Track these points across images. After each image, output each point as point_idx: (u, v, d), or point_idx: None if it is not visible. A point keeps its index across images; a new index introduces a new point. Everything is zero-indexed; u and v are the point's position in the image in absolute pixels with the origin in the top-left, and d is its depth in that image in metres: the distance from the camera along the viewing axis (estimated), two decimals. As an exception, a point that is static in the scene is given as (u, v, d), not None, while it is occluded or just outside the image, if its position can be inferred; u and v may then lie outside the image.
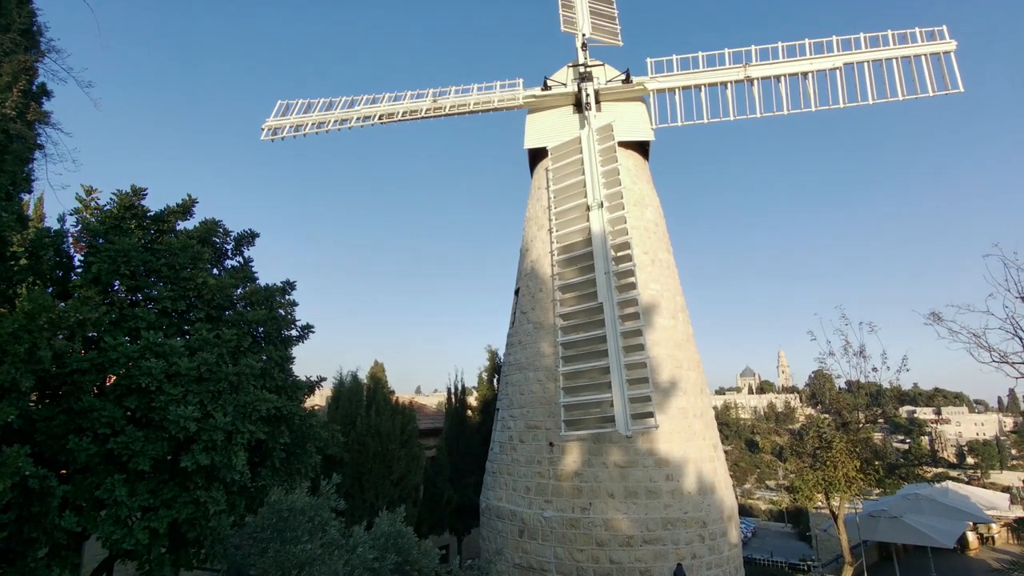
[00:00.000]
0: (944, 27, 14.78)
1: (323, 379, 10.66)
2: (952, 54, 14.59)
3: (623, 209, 13.05)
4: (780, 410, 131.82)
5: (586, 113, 15.00)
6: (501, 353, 20.51)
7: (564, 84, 16.20)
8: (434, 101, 16.62)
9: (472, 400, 24.24)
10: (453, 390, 20.99)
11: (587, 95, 15.26)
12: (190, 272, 8.13)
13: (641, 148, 16.50)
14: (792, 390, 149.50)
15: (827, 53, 15.06)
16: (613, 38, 17.16)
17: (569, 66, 16.51)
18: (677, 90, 15.53)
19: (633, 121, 15.85)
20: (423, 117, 16.75)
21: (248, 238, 9.68)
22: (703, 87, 15.46)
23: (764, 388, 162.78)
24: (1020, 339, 15.61)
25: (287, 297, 9.59)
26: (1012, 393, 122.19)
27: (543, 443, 13.21)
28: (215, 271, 9.25)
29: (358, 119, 16.70)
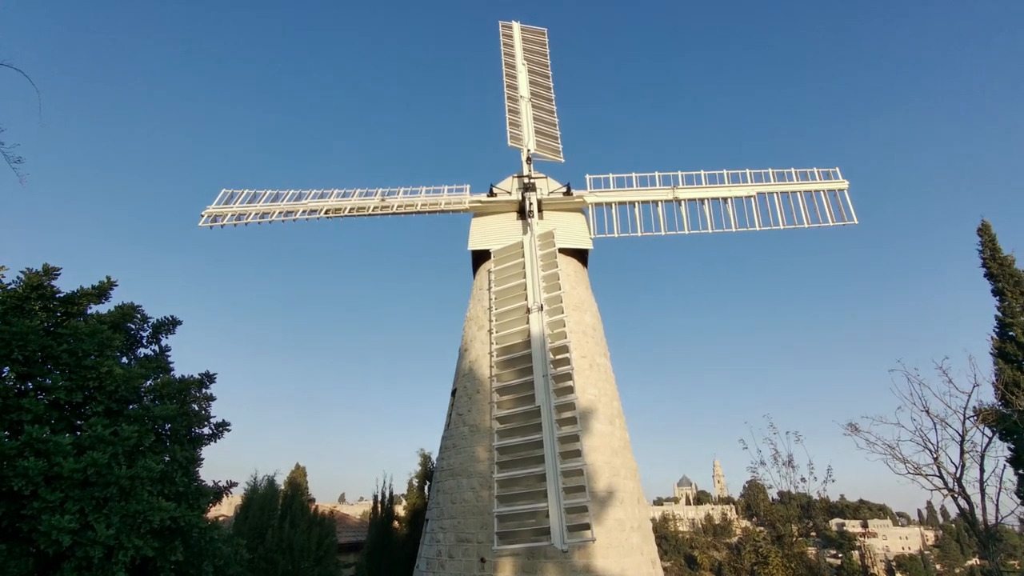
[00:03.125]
0: (838, 168, 17.05)
1: (233, 484, 9.61)
2: (846, 191, 16.70)
3: (562, 313, 13.36)
4: (717, 522, 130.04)
5: (529, 220, 15.76)
6: (435, 457, 19.50)
7: (509, 192, 17.14)
8: (382, 200, 17.06)
9: (400, 509, 22.49)
10: (380, 498, 19.47)
11: (531, 204, 16.15)
12: (94, 360, 7.42)
13: (580, 256, 17.32)
14: (728, 500, 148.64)
15: (742, 183, 16.88)
16: (555, 155, 18.60)
17: (514, 176, 17.59)
18: (614, 204, 16.76)
19: (573, 230, 16.78)
20: (370, 215, 17.07)
21: (168, 325, 9.08)
22: (637, 203, 16.78)
23: (701, 498, 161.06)
24: (930, 452, 16.56)
25: (204, 391, 8.87)
26: (930, 505, 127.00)
27: (474, 559, 12.22)
28: (125, 360, 8.51)
29: (304, 212, 16.78)
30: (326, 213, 16.86)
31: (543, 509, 10.95)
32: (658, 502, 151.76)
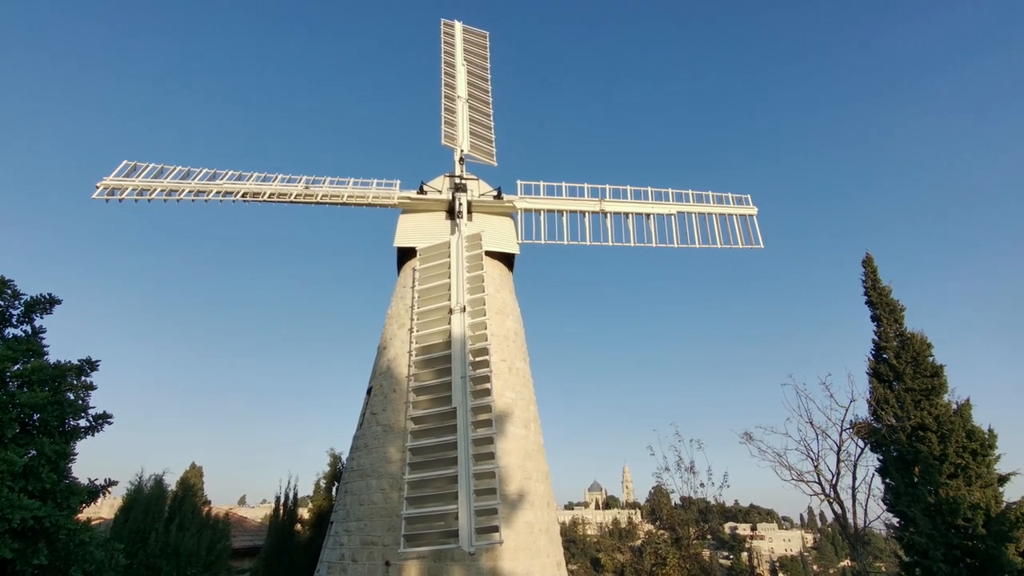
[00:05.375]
0: (749, 196, 18.33)
1: (113, 483, 8.73)
2: (755, 217, 17.98)
3: (485, 315, 13.36)
4: (623, 526, 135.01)
5: (458, 221, 15.67)
6: (345, 458, 18.82)
7: (440, 191, 16.95)
8: (306, 187, 16.32)
9: (305, 512, 21.52)
10: (283, 500, 18.50)
11: (460, 204, 16.06)
12: (-51, 338, 6.52)
13: (507, 260, 17.43)
14: (635, 505, 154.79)
15: (665, 201, 17.72)
16: (489, 158, 18.67)
17: (446, 176, 17.42)
18: (542, 212, 17.02)
19: (501, 234, 16.86)
20: (292, 202, 16.27)
21: (44, 304, 8.12)
22: (565, 212, 17.14)
23: (610, 503, 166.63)
24: (812, 460, 18.09)
25: (84, 379, 8.01)
26: (810, 510, 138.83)
27: (378, 562, 11.88)
28: (-11, 340, 7.53)
29: (218, 193, 15.71)
30: (243, 197, 15.88)
31: (453, 511, 10.85)
32: (569, 506, 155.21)
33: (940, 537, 13.39)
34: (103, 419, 8.16)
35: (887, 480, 15.74)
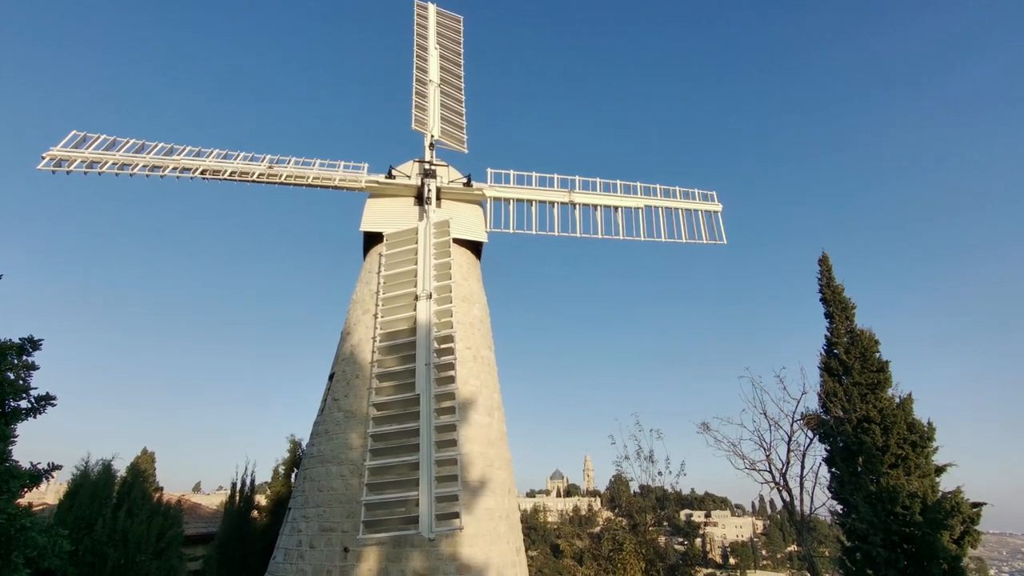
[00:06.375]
0: (715, 192, 18.69)
1: (57, 467, 8.35)
2: (720, 214, 18.37)
3: (451, 303, 13.31)
4: (584, 513, 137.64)
5: (426, 207, 15.49)
6: (306, 444, 18.54)
7: (408, 176, 16.71)
8: (270, 167, 15.84)
9: (263, 499, 21.13)
10: (239, 486, 18.11)
11: (429, 190, 15.88)
12: None
13: (475, 248, 17.35)
14: (595, 493, 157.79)
15: (633, 195, 17.91)
16: (459, 144, 18.48)
17: (415, 161, 17.17)
18: (512, 201, 16.97)
19: (470, 222, 16.76)
20: (254, 181, 15.77)
21: (-17, 279, 7.68)
22: (534, 202, 17.14)
23: (571, 491, 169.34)
24: (764, 450, 18.78)
25: (25, 358, 7.62)
26: (761, 498, 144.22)
27: (337, 548, 11.78)
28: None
29: (175, 169, 15.10)
30: (202, 174, 15.31)
31: (413, 498, 10.85)
32: (531, 494, 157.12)
33: (880, 523, 14.11)
34: (46, 401, 7.80)
35: (833, 469, 16.48)
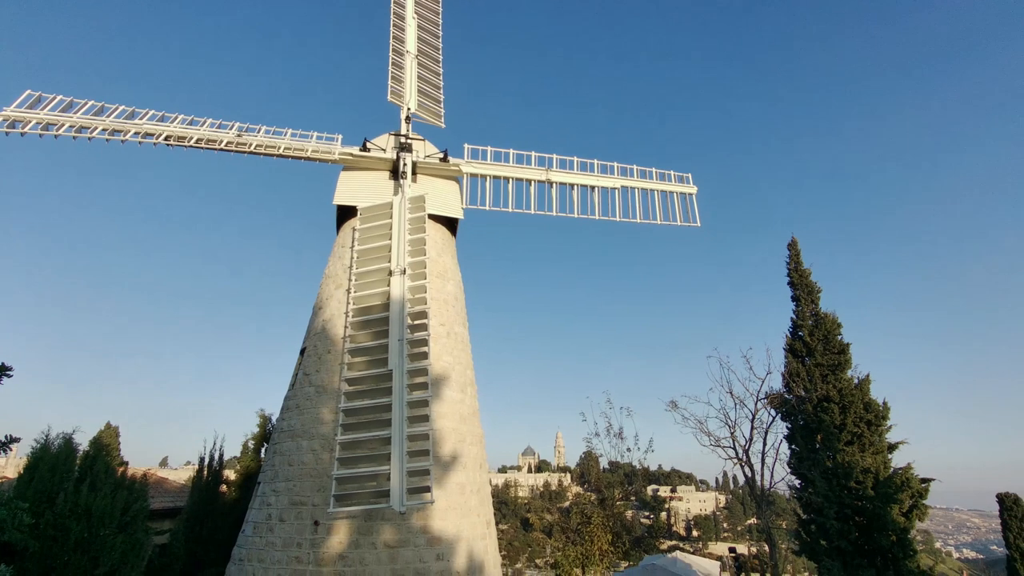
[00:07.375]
0: (690, 175, 18.81)
1: (15, 439, 8.06)
2: (694, 196, 18.53)
3: (425, 279, 13.22)
4: (554, 488, 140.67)
5: (401, 182, 15.23)
6: (276, 419, 18.37)
7: (384, 150, 16.36)
8: (239, 135, 15.33)
9: (231, 474, 20.94)
10: (207, 461, 17.91)
11: (405, 165, 15.59)
12: None
13: (450, 224, 17.19)
14: (565, 469, 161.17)
15: (610, 175, 17.91)
16: (436, 119, 18.14)
17: (391, 134, 16.81)
18: (488, 177, 16.79)
19: (445, 197, 16.56)
20: (222, 150, 15.25)
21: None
22: (511, 180, 17.00)
23: (542, 467, 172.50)
24: (729, 427, 19.38)
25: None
26: (725, 474, 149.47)
27: (307, 522, 11.80)
28: None
29: (137, 134, 14.48)
30: (166, 140, 14.71)
31: (385, 472, 10.90)
32: (503, 470, 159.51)
33: (834, 497, 14.80)
34: (1, 371, 7.51)
35: (793, 446, 17.15)
